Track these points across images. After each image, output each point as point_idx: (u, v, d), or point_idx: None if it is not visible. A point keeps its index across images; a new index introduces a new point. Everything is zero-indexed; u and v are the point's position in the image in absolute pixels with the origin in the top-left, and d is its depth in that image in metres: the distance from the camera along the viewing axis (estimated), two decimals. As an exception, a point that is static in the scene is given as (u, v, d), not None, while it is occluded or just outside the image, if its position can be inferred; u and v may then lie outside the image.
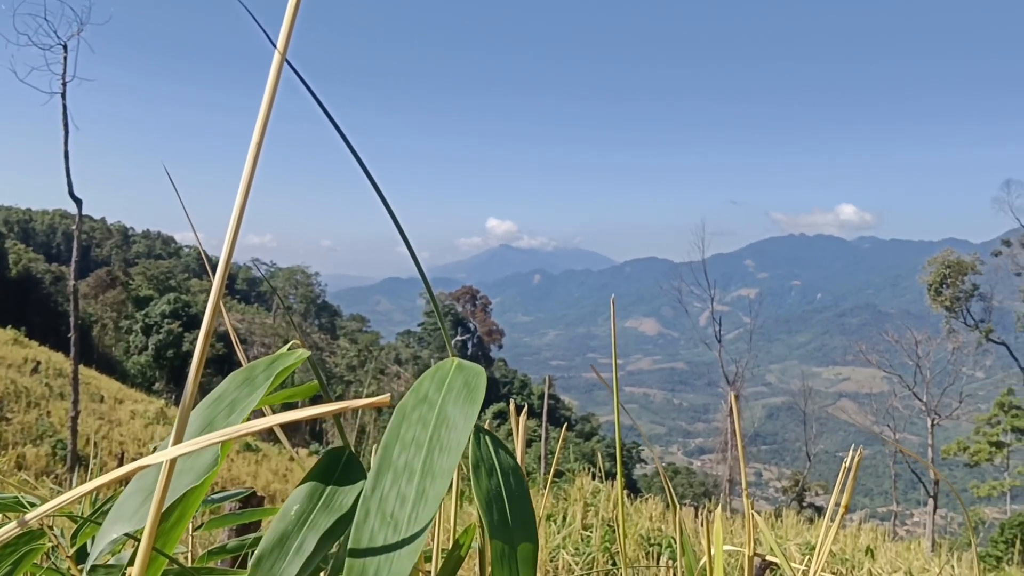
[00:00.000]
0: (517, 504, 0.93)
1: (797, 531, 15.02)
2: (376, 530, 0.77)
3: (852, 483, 1.20)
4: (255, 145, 0.77)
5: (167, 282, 71.42)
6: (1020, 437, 42.69)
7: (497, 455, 0.97)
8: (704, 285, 47.96)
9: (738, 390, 43.96)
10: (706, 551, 1.45)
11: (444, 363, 0.96)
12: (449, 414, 0.88)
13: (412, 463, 0.82)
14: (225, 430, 0.77)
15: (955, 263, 41.07)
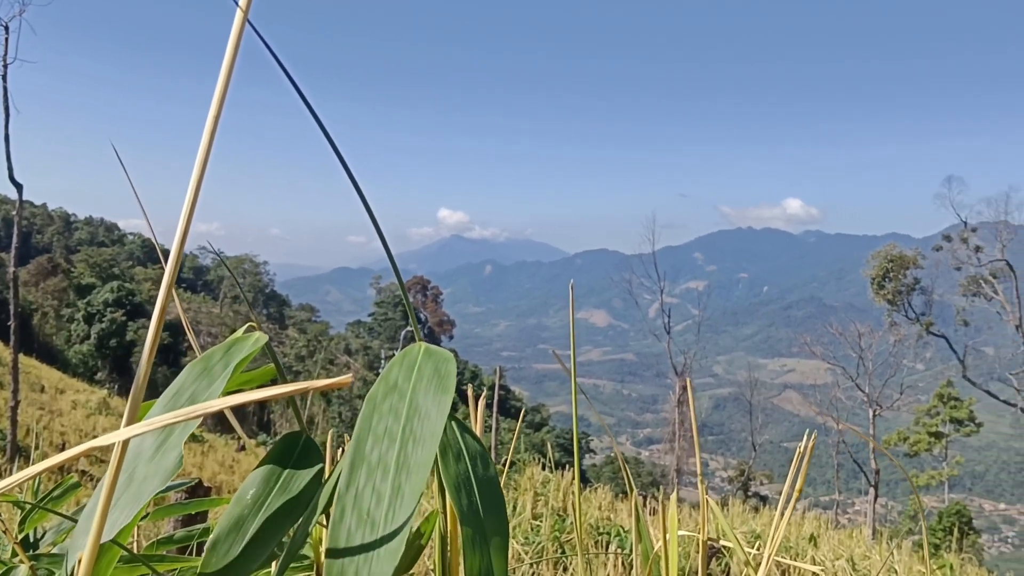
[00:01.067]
0: (486, 489, 0.92)
1: (742, 520, 15.26)
2: (353, 529, 0.74)
3: (806, 468, 1.21)
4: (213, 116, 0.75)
5: (110, 270, 69.79)
6: (958, 428, 43.87)
7: (464, 440, 0.95)
8: (654, 277, 48.41)
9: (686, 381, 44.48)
10: (658, 537, 1.46)
11: (412, 348, 0.93)
12: (421, 404, 0.85)
13: (386, 457, 0.79)
14: (177, 411, 0.73)
15: (897, 257, 41.90)
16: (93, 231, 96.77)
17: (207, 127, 0.77)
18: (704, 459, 1.46)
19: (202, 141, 0.78)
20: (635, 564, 1.55)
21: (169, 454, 0.87)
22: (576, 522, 1.39)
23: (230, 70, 0.77)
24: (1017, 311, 37.54)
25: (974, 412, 44.46)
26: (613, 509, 12.22)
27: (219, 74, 0.74)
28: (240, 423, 4.62)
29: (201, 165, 0.78)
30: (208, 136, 0.77)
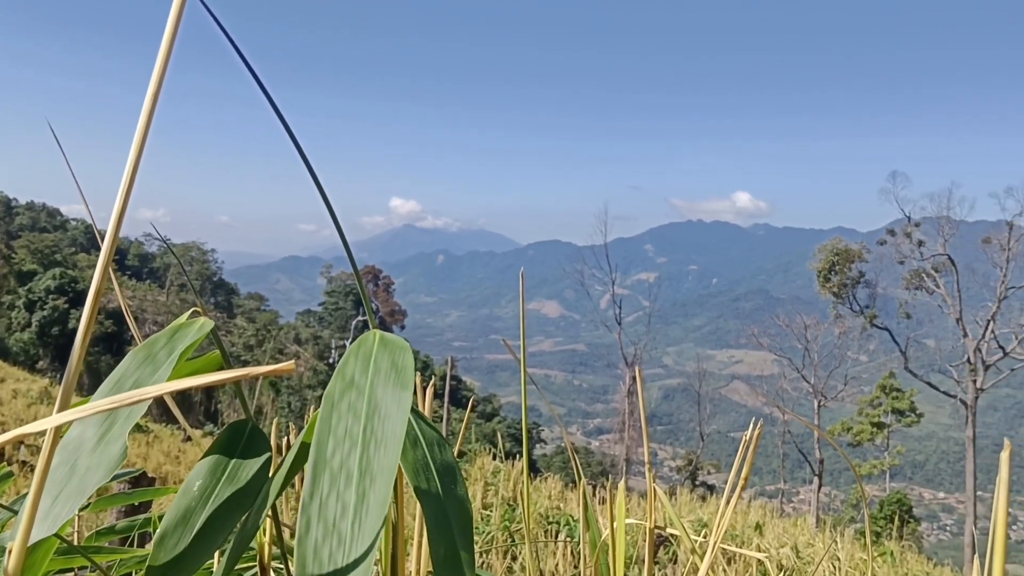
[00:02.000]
0: (446, 474, 0.91)
1: (690, 508, 15.46)
2: (320, 542, 0.71)
3: (751, 457, 1.23)
4: (151, 95, 0.74)
5: (52, 256, 68.04)
6: (900, 418, 44.92)
7: (420, 427, 0.95)
8: (606, 268, 48.71)
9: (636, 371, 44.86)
10: (607, 525, 1.47)
11: (366, 338, 0.91)
12: (380, 401, 0.82)
13: (348, 462, 0.76)
14: (116, 396, 0.71)
15: (843, 251, 42.57)
16: (35, 216, 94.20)
17: (145, 106, 0.75)
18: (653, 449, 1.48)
19: (140, 121, 0.76)
20: (583, 552, 1.56)
21: (113, 444, 0.85)
22: (525, 512, 1.39)
23: (170, 47, 0.75)
24: (958, 304, 38.46)
25: (915, 403, 45.58)
26: (563, 498, 12.29)
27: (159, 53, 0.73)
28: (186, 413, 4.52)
29: (139, 145, 0.76)
30: (146, 116, 0.75)
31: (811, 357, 44.59)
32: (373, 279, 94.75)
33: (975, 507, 37.15)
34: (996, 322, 37.62)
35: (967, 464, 37.87)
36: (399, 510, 1.03)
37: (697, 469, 49.66)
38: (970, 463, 37.58)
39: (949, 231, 40.00)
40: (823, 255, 43.10)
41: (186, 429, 2.15)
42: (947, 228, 40.10)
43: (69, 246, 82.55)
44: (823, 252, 43.24)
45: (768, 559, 6.23)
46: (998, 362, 38.08)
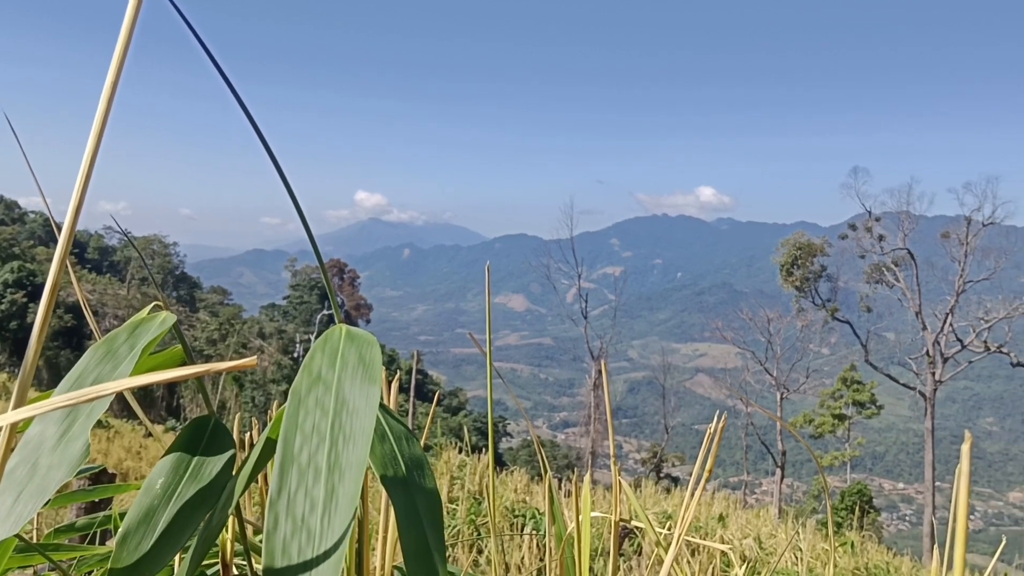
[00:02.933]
0: (414, 467, 0.91)
1: (655, 501, 15.59)
2: (289, 539, 0.70)
3: (716, 448, 1.24)
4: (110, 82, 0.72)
5: (10, 249, 66.71)
6: (860, 410, 45.60)
7: (387, 421, 0.94)
8: (572, 263, 48.80)
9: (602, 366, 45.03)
10: (572, 518, 1.47)
11: (332, 332, 0.90)
12: (348, 396, 0.81)
13: (316, 457, 0.75)
14: (74, 392, 0.69)
15: (805, 245, 43.01)
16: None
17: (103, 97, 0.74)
18: (618, 442, 1.49)
19: (98, 112, 0.75)
20: (549, 545, 1.57)
21: (74, 442, 0.83)
22: (490, 505, 1.39)
23: (128, 36, 0.74)
24: (917, 298, 39.06)
25: (875, 395, 46.31)
26: (529, 492, 12.33)
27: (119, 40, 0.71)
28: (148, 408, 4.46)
29: (96, 136, 0.75)
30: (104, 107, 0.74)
31: (774, 350, 45.08)
32: (338, 273, 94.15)
33: (934, 497, 37.84)
34: (954, 315, 38.25)
35: (926, 455, 38.53)
36: (364, 505, 1.03)
37: (662, 462, 50.02)
38: (929, 454, 38.24)
39: (909, 226, 40.56)
40: (786, 249, 43.50)
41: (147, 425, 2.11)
42: (907, 223, 40.65)
43: (27, 239, 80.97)
44: (786, 246, 43.63)
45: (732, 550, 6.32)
46: (956, 355, 38.74)
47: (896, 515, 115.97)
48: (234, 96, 0.86)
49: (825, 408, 46.14)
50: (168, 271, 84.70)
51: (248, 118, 0.87)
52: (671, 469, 52.61)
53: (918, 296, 39.15)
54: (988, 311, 38.15)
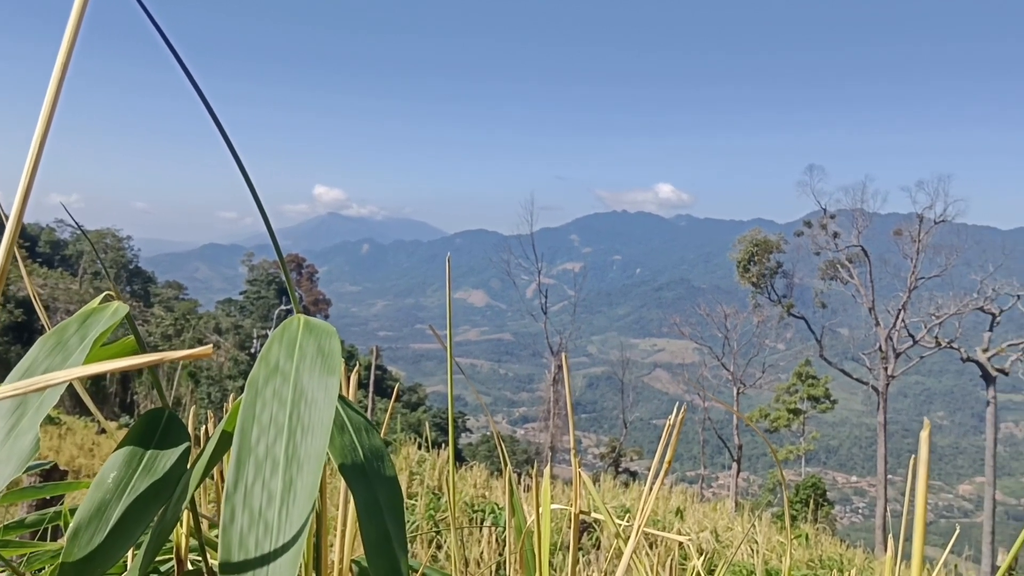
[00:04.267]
0: (374, 458, 0.90)
1: (613, 495, 15.68)
2: (246, 532, 0.69)
3: (675, 440, 1.24)
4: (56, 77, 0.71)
5: (-44, 242, 64.96)
6: (815, 405, 46.22)
7: (346, 412, 0.93)
8: (532, 258, 48.80)
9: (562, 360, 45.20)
10: (531, 512, 1.47)
11: (290, 322, 0.88)
12: (306, 388, 0.79)
13: (274, 449, 0.74)
14: (20, 383, 0.68)
15: (762, 242, 43.47)
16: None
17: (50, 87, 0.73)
18: (577, 436, 1.49)
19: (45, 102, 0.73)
20: (508, 539, 1.57)
21: (23, 437, 0.81)
22: (450, 500, 1.39)
23: (77, 26, 0.72)
24: (870, 294, 39.71)
25: (829, 390, 46.96)
26: (488, 487, 12.33)
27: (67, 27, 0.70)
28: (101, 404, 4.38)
29: (43, 127, 0.73)
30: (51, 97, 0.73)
31: (731, 345, 45.54)
32: (296, 268, 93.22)
33: (886, 490, 38.54)
34: (906, 311, 38.94)
35: (878, 448, 39.19)
36: (322, 498, 1.02)
37: (620, 456, 50.31)
38: (881, 447, 38.91)
39: (863, 223, 41.18)
40: (743, 246, 43.92)
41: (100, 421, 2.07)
42: (861, 220, 41.28)
43: (-26, 232, 79.00)
44: (743, 243, 44.06)
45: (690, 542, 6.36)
46: (908, 350, 39.46)
47: (849, 508, 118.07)
48: (194, 88, 0.84)
49: (780, 403, 46.73)
50: (121, 265, 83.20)
51: (207, 109, 0.86)
52: (629, 464, 52.94)
53: (871, 292, 39.79)
54: (939, 307, 38.90)
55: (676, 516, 12.52)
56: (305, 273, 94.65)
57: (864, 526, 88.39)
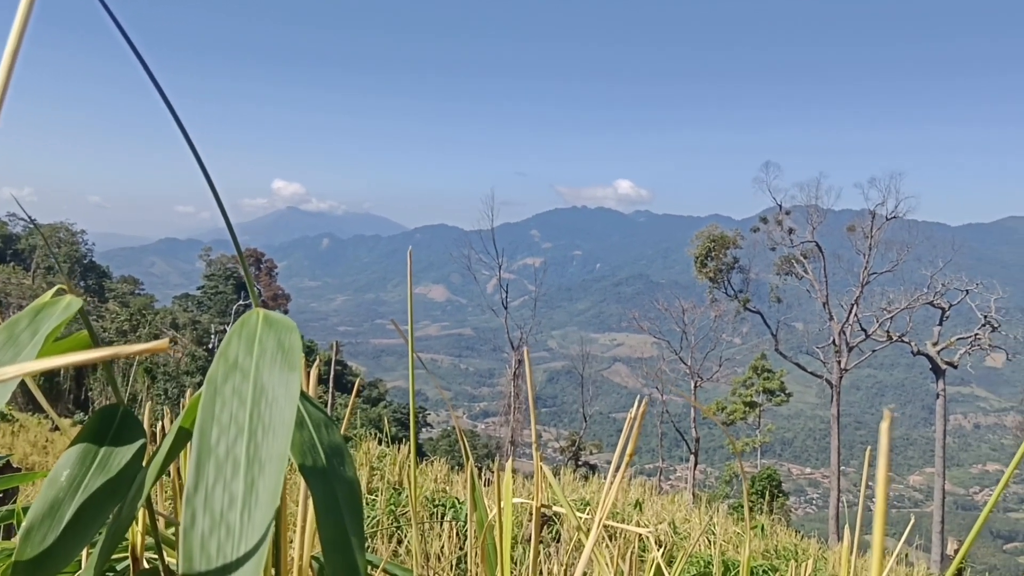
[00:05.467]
0: (334, 455, 0.88)
1: (573, 488, 15.76)
2: (207, 535, 0.67)
3: (637, 432, 1.26)
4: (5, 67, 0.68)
5: (-99, 236, 63.31)
6: (770, 398, 46.88)
7: (306, 408, 0.91)
8: (492, 253, 48.74)
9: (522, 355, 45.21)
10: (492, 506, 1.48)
11: (249, 316, 0.85)
12: (267, 385, 0.77)
13: (234, 450, 0.71)
14: None
15: (719, 238, 43.87)
16: None
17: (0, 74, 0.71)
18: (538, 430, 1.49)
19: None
20: (469, 533, 1.57)
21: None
22: (411, 494, 1.39)
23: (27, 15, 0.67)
24: (824, 289, 40.31)
25: (785, 383, 47.68)
26: (449, 481, 12.32)
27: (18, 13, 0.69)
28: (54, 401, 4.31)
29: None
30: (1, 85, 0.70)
31: (688, 340, 45.93)
32: (255, 262, 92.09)
33: (839, 481, 39.20)
34: (859, 306, 39.59)
35: (832, 440, 39.84)
36: (281, 495, 1.01)
37: (580, 450, 50.52)
38: (835, 439, 39.56)
39: (817, 219, 41.76)
40: (700, 241, 44.29)
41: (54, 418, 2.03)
42: (815, 216, 41.85)
43: (-80, 225, 77.01)
44: (700, 239, 44.43)
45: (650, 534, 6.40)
46: (860, 344, 40.14)
47: (804, 499, 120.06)
48: (150, 78, 0.84)
49: (737, 396, 47.29)
50: (76, 260, 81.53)
51: (163, 99, 0.85)
52: (589, 457, 53.17)
53: (825, 287, 40.39)
54: (891, 302, 39.60)
55: (635, 508, 12.62)
56: (264, 268, 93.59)
57: (818, 516, 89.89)
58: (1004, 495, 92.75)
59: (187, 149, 0.88)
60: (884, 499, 0.65)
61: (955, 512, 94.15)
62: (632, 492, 15.04)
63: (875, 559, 0.67)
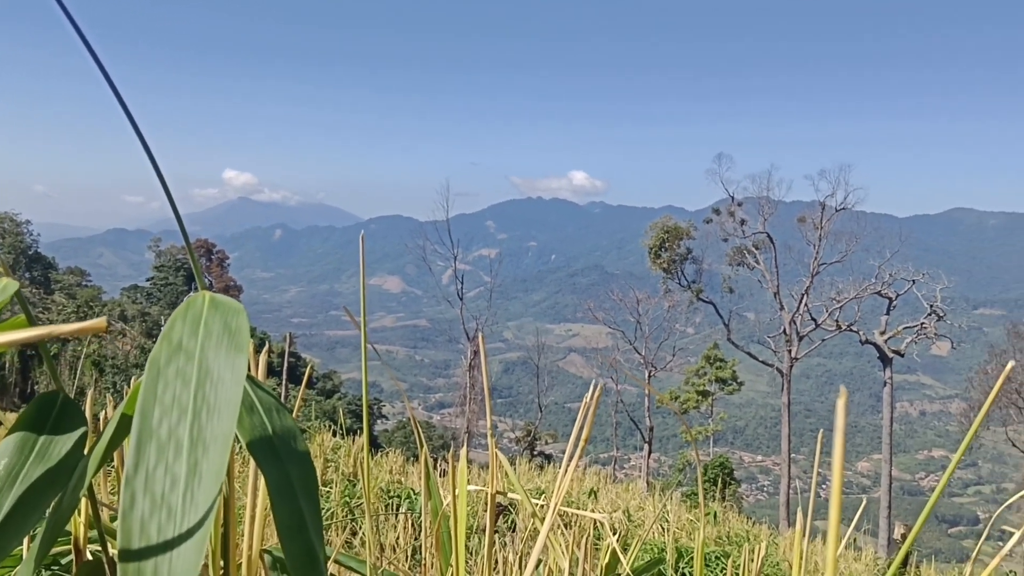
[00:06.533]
0: (286, 439, 0.86)
1: (528, 478, 15.81)
2: (147, 517, 0.65)
3: (592, 418, 1.25)
4: None
5: None
6: (723, 387, 47.49)
7: (255, 393, 0.89)
8: (448, 244, 48.57)
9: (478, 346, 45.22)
10: (447, 496, 1.46)
11: (195, 299, 0.83)
12: (212, 366, 0.75)
13: (177, 431, 0.70)
14: None
15: (672, 229, 44.21)
16: None
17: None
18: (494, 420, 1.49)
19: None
20: (424, 523, 1.56)
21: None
22: (365, 485, 1.37)
23: None
24: (775, 280, 40.86)
25: (736, 372, 48.32)
26: (404, 472, 12.28)
27: None
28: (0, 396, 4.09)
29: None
30: None
31: (643, 330, 46.30)
32: (206, 253, 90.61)
33: (789, 468, 39.88)
34: (809, 296, 40.21)
35: (782, 428, 40.47)
36: (230, 484, 0.99)
37: (535, 440, 50.68)
38: (785, 427, 40.20)
39: (768, 210, 42.26)
40: (654, 233, 44.57)
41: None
42: (766, 208, 42.36)
43: None
44: (654, 230, 44.71)
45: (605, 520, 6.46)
46: (810, 333, 40.79)
47: (755, 486, 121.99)
48: (96, 62, 0.83)
49: (690, 385, 47.80)
50: (20, 251, 79.42)
51: (110, 86, 0.84)
52: (544, 447, 53.39)
53: (776, 278, 40.93)
54: (840, 292, 40.27)
55: (590, 497, 12.71)
56: (215, 259, 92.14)
57: (769, 503, 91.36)
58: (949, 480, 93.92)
59: (135, 138, 0.87)
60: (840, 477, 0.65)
61: (902, 497, 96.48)
62: (587, 481, 15.14)
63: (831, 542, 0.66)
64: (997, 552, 1.21)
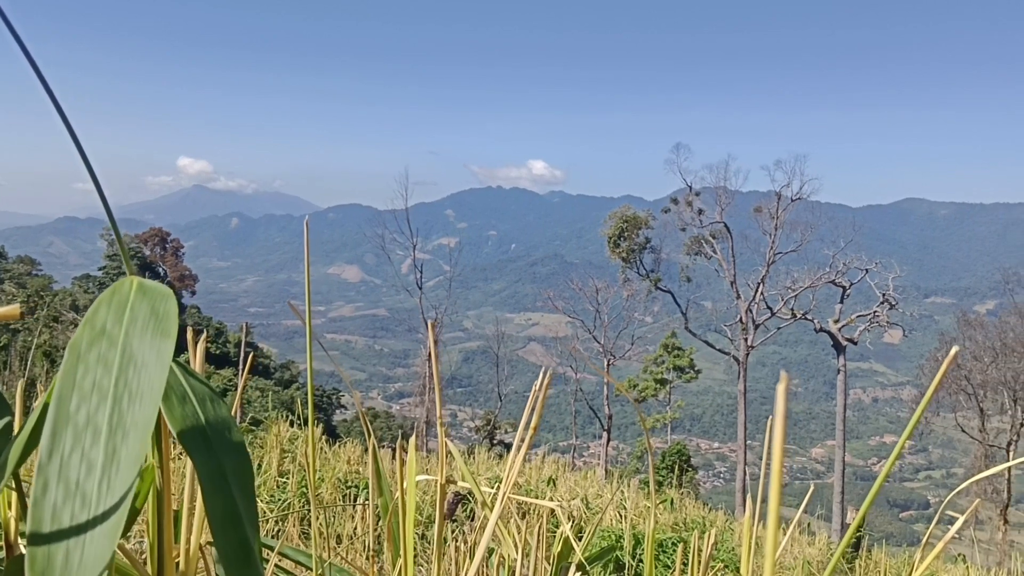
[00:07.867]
0: (220, 430, 0.83)
1: (488, 466, 15.82)
2: (60, 504, 0.62)
3: (542, 403, 1.24)
4: None
5: None
6: (680, 375, 47.89)
7: (188, 381, 0.85)
8: (407, 233, 48.35)
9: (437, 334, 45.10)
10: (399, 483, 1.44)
11: (121, 284, 0.79)
12: (136, 351, 0.72)
13: (96, 418, 0.67)
14: None
15: (631, 218, 44.48)
16: None
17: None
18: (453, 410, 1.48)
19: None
20: (371, 513, 1.54)
21: None
22: (309, 476, 1.34)
23: None
24: (732, 269, 41.31)
25: (694, 360, 48.75)
26: (362, 463, 12.20)
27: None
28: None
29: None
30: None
31: (602, 319, 46.55)
32: (160, 242, 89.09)
33: (745, 455, 40.45)
34: (765, 285, 40.72)
35: (739, 416, 41.03)
36: (165, 476, 0.95)
37: (495, 429, 50.78)
38: (741, 415, 40.76)
39: (725, 200, 42.68)
40: (613, 222, 44.81)
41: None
42: (724, 198, 42.77)
43: None
44: (613, 219, 44.95)
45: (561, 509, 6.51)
46: (766, 321, 41.34)
47: (712, 472, 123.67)
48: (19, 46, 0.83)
49: (648, 373, 48.17)
50: (-35, 239, 77.53)
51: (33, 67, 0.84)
52: (504, 436, 53.53)
53: (733, 267, 41.39)
54: (795, 281, 40.84)
55: (548, 485, 12.75)
56: (170, 248, 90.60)
57: (725, 489, 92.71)
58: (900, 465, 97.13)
59: (80, 124, 0.86)
60: (780, 460, 0.65)
61: (855, 483, 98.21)
62: (546, 469, 15.19)
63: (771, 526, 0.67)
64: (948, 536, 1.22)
